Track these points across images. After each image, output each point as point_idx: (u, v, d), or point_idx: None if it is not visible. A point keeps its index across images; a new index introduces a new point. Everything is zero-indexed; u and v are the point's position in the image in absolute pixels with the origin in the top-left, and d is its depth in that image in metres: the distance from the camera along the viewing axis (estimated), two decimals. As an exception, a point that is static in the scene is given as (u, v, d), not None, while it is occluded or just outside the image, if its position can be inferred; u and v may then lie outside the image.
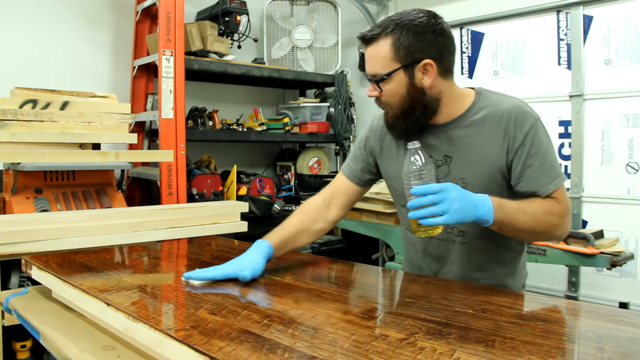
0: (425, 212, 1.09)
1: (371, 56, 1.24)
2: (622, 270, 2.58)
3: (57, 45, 2.60)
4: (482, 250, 1.32)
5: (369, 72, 1.25)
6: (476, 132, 1.25)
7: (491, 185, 1.24)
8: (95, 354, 1.06)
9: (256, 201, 2.77)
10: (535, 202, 1.21)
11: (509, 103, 1.26)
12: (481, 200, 1.12)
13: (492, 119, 1.24)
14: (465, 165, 1.26)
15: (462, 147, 1.26)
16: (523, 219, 1.17)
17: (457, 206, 1.08)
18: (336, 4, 3.35)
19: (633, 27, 2.52)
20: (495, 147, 1.23)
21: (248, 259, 1.27)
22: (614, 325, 0.95)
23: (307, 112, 3.33)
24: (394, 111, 1.26)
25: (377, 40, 1.22)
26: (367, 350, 0.81)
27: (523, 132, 1.22)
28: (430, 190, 1.09)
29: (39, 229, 1.65)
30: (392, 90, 1.23)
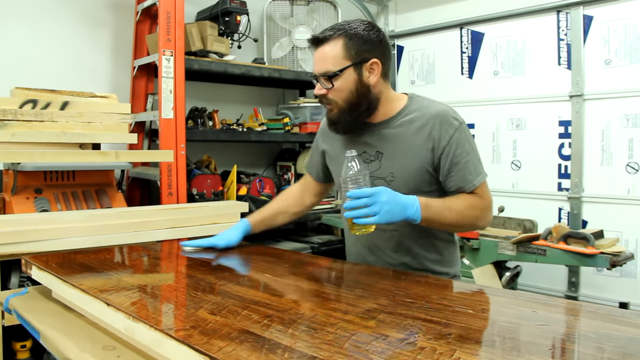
0: (359, 213, 1.23)
1: (322, 55, 1.36)
2: (622, 270, 2.58)
3: (57, 46, 2.60)
4: (410, 238, 1.45)
5: (319, 71, 1.36)
6: (405, 132, 1.40)
7: (417, 181, 1.39)
8: (95, 354, 1.06)
9: (256, 201, 2.76)
10: (459, 198, 1.36)
11: (436, 108, 1.40)
12: (410, 202, 1.27)
13: (419, 121, 1.39)
14: (394, 161, 1.41)
15: (392, 144, 1.41)
16: (448, 215, 1.32)
17: (387, 208, 1.23)
18: (336, 4, 3.35)
19: (633, 27, 2.52)
20: (421, 146, 1.38)
21: (227, 233, 1.63)
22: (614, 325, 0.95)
23: (307, 112, 3.32)
24: (341, 106, 1.38)
25: (329, 40, 1.35)
26: (367, 350, 0.81)
27: (448, 134, 1.36)
28: (364, 193, 1.23)
29: (39, 229, 1.65)
30: (342, 86, 1.35)
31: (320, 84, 1.37)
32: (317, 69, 1.37)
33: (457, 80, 3.24)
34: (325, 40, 1.36)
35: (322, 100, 1.41)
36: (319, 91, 1.38)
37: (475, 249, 2.51)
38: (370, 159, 1.44)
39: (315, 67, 1.38)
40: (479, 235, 2.52)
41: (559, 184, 2.85)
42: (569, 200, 2.80)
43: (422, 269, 1.45)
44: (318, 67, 1.37)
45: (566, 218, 2.83)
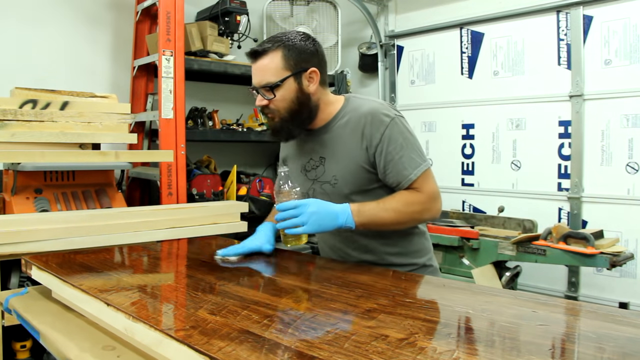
0: (287, 224, 1.31)
1: (262, 67, 1.39)
2: (622, 270, 2.58)
3: (57, 46, 2.60)
4: (366, 236, 1.47)
5: (259, 83, 1.40)
6: (341, 135, 1.44)
7: (358, 180, 1.42)
8: (95, 354, 1.06)
9: (256, 201, 2.77)
10: (395, 197, 1.39)
11: (367, 107, 1.42)
12: (341, 210, 1.33)
13: (353, 121, 1.42)
14: (335, 164, 1.45)
15: (332, 148, 1.45)
16: (385, 216, 1.36)
17: (315, 218, 1.30)
18: (336, 4, 3.35)
19: (633, 27, 2.52)
20: (355, 146, 1.41)
21: (264, 236, 1.50)
22: (614, 325, 0.95)
23: (307, 112, 3.32)
24: (283, 115, 1.41)
25: (268, 53, 1.39)
26: (367, 350, 0.81)
27: (380, 132, 1.38)
28: (291, 205, 1.31)
29: (39, 229, 1.65)
30: (283, 96, 1.39)
31: (261, 95, 1.41)
32: (258, 80, 1.40)
33: (457, 80, 3.24)
34: (264, 52, 1.39)
35: (263, 111, 1.45)
36: (260, 102, 1.41)
37: (475, 249, 2.51)
38: (316, 165, 1.49)
39: (256, 79, 1.41)
40: (479, 235, 2.53)
41: (558, 184, 2.85)
42: (569, 200, 2.80)
43: (386, 264, 1.47)
44: (258, 79, 1.40)
45: (566, 218, 2.83)
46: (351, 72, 3.40)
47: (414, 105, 3.44)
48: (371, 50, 3.54)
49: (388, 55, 3.53)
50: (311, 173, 1.51)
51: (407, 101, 3.49)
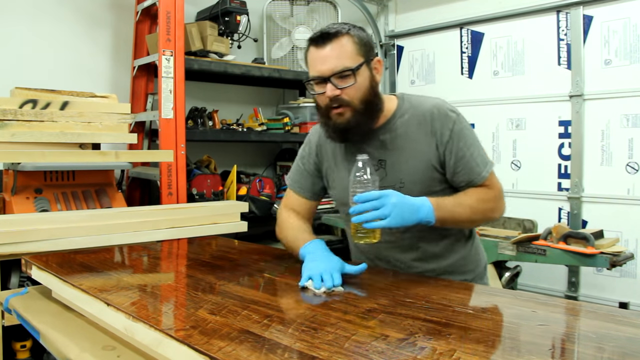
0: (368, 216, 1.16)
1: (336, 52, 1.25)
2: (622, 270, 2.58)
3: (57, 46, 2.60)
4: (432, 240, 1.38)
5: (333, 69, 1.24)
6: (404, 134, 1.33)
7: (427, 181, 1.33)
8: (95, 354, 1.06)
9: (256, 201, 2.76)
10: (468, 193, 1.31)
11: (430, 103, 1.34)
12: (421, 203, 1.21)
13: (416, 119, 1.33)
14: (400, 166, 1.33)
15: (394, 149, 1.34)
16: (461, 212, 1.27)
17: (397, 211, 1.16)
18: (336, 4, 3.35)
19: (633, 27, 2.52)
20: (423, 144, 1.32)
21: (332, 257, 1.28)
22: (614, 325, 0.95)
23: (307, 112, 3.32)
24: (357, 107, 1.27)
25: (339, 37, 1.26)
26: (367, 350, 0.81)
27: (449, 128, 1.30)
28: (372, 196, 1.17)
29: (39, 229, 1.65)
30: (360, 84, 1.26)
31: (333, 85, 1.25)
32: (330, 66, 1.24)
33: (457, 80, 3.24)
34: (336, 35, 1.25)
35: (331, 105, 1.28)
36: (332, 92, 1.25)
37: (475, 249, 2.51)
38: (375, 169, 1.33)
39: (327, 65, 1.25)
40: (479, 235, 2.52)
41: (558, 183, 2.85)
42: (569, 200, 2.80)
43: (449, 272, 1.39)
44: (331, 65, 1.24)
45: (566, 218, 2.83)
46: (351, 72, 3.39)
47: (414, 105, 3.44)
48: (371, 50, 3.53)
49: (388, 55, 3.53)
50: None
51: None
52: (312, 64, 1.28)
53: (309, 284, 1.18)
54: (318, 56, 1.26)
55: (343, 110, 1.27)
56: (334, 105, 1.27)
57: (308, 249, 1.32)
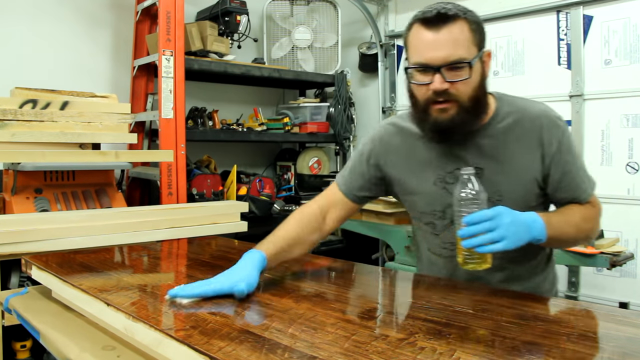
0: (482, 240, 1.01)
1: (451, 38, 1.06)
2: (622, 270, 2.58)
3: (57, 46, 2.60)
4: (519, 262, 1.24)
5: (447, 58, 1.06)
6: (505, 141, 1.17)
7: (527, 196, 1.18)
8: (95, 354, 1.06)
9: (256, 201, 2.76)
10: (573, 210, 1.17)
11: (537, 108, 1.19)
12: (532, 220, 1.07)
13: (520, 125, 1.17)
14: (499, 177, 1.16)
15: (494, 157, 1.17)
16: (568, 231, 1.13)
17: (513, 230, 1.02)
18: (336, 4, 3.35)
19: (633, 27, 2.52)
20: (528, 155, 1.16)
21: (242, 272, 1.11)
22: (614, 325, 0.95)
23: (307, 112, 3.32)
24: (465, 104, 1.10)
25: (456, 21, 1.07)
26: (367, 350, 0.81)
27: (557, 138, 1.15)
28: (485, 217, 1.01)
29: (39, 229, 1.65)
30: (472, 79, 1.09)
31: (441, 76, 1.07)
32: (444, 54, 1.06)
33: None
34: (454, 18, 1.06)
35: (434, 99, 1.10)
36: (441, 85, 1.07)
37: (475, 249, 2.51)
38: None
39: (440, 52, 1.06)
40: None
41: (559, 184, 2.85)
42: (569, 200, 2.79)
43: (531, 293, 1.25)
44: (446, 53, 1.06)
45: (566, 218, 2.82)
46: (351, 72, 3.40)
47: (414, 105, 3.44)
48: (371, 50, 3.54)
49: (388, 55, 3.53)
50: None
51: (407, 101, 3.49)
52: (419, 47, 1.10)
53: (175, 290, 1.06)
54: (429, 40, 1.07)
55: (448, 105, 1.10)
56: (439, 100, 1.10)
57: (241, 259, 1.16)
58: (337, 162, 3.51)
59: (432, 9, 1.09)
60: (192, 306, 1.04)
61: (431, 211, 1.23)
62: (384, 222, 2.67)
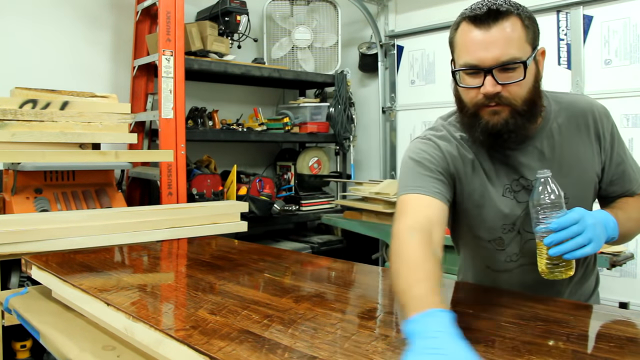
0: (572, 245, 0.94)
1: (503, 37, 0.98)
2: (622, 270, 2.58)
3: (57, 45, 2.60)
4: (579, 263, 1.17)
5: (499, 58, 0.98)
6: (562, 140, 1.11)
7: (590, 194, 1.14)
8: (95, 354, 1.06)
9: (256, 201, 2.76)
10: (630, 204, 1.13)
11: (585, 101, 1.15)
12: (606, 219, 1.02)
13: (573, 122, 1.11)
14: (563, 180, 1.05)
15: (555, 160, 1.10)
16: (631, 227, 1.10)
17: (597, 232, 0.96)
18: (336, 4, 3.35)
19: (633, 27, 2.52)
20: (587, 152, 1.12)
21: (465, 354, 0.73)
22: (614, 325, 0.95)
23: (307, 112, 3.32)
24: (519, 108, 1.02)
25: (508, 17, 0.99)
26: (367, 350, 0.81)
27: (609, 131, 1.13)
28: (573, 220, 0.95)
29: (39, 229, 1.65)
30: (527, 80, 1.01)
31: (493, 79, 0.98)
32: (496, 55, 0.98)
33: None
34: (507, 14, 0.99)
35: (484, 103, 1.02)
36: (494, 88, 0.99)
37: (475, 249, 2.51)
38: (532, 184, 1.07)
39: (492, 52, 0.98)
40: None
41: (559, 184, 2.85)
42: (569, 200, 2.79)
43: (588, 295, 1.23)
44: (497, 53, 0.98)
45: (566, 218, 2.82)
46: (351, 72, 3.40)
47: (414, 105, 3.44)
48: (371, 50, 3.54)
49: (388, 55, 3.53)
50: (523, 194, 1.10)
51: (407, 101, 3.49)
52: (468, 47, 1.01)
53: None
54: (480, 39, 0.99)
55: (500, 108, 1.02)
56: (491, 104, 1.02)
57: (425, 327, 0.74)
58: (337, 162, 3.51)
59: (482, 5, 1.00)
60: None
61: (501, 225, 1.13)
62: (384, 222, 2.67)
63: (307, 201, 3.20)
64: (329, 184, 3.46)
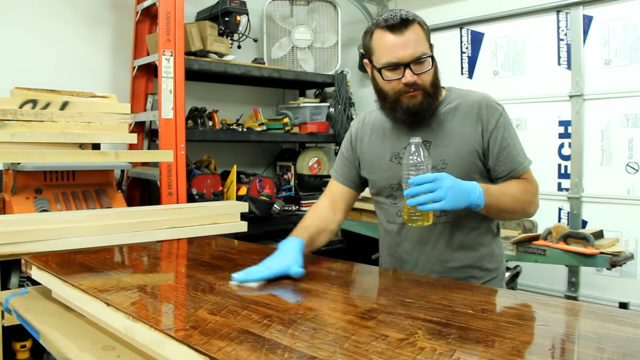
0: (424, 199, 1.18)
1: (414, 38, 1.29)
2: (622, 270, 2.58)
3: (57, 45, 2.60)
4: (464, 229, 1.40)
5: (413, 54, 1.28)
6: (451, 119, 1.39)
7: (468, 165, 1.36)
8: (95, 354, 1.06)
9: (256, 201, 2.76)
10: (512, 183, 1.36)
11: (477, 95, 1.42)
12: (472, 187, 1.23)
13: (464, 107, 1.39)
14: (443, 148, 1.37)
15: (440, 132, 1.38)
16: (506, 200, 1.30)
17: (452, 193, 1.19)
18: (336, 4, 3.35)
19: (633, 27, 2.52)
20: (469, 129, 1.37)
21: (290, 255, 1.29)
22: (614, 325, 0.95)
23: (307, 112, 3.33)
24: (429, 91, 1.33)
25: (414, 24, 1.29)
26: (367, 350, 0.81)
27: (495, 118, 1.37)
28: (426, 179, 1.19)
29: (39, 229, 1.65)
30: (432, 69, 1.34)
31: (411, 70, 1.29)
32: (411, 52, 1.28)
33: (457, 80, 3.24)
34: (412, 22, 1.29)
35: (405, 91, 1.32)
36: (412, 78, 1.29)
37: (475, 249, 2.51)
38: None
39: (407, 51, 1.28)
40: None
41: (558, 184, 2.85)
42: (569, 200, 2.79)
43: (475, 267, 1.41)
44: (412, 51, 1.28)
45: (566, 218, 2.83)
46: (351, 72, 3.40)
47: (414, 105, 3.44)
48: (371, 50, 3.53)
49: (388, 55, 3.53)
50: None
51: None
52: (388, 49, 1.30)
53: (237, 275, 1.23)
54: (396, 42, 1.28)
55: (415, 93, 1.32)
56: (409, 90, 1.32)
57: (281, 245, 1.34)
58: (337, 162, 3.51)
59: (393, 16, 1.29)
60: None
61: (389, 185, 1.43)
62: (384, 222, 2.67)
63: (307, 201, 3.20)
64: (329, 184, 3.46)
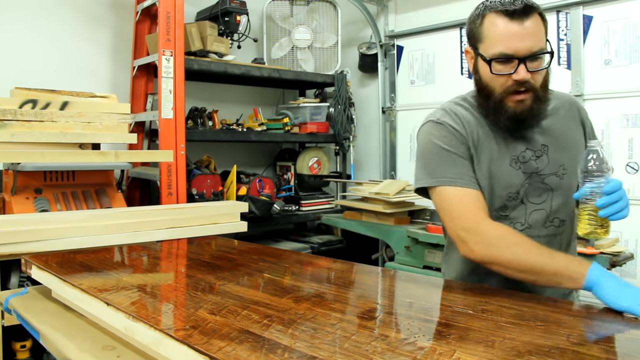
0: (616, 208, 1.07)
1: (534, 29, 1.11)
2: (622, 270, 2.58)
3: (57, 45, 2.60)
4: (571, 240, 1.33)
5: (531, 48, 1.10)
6: (556, 121, 1.26)
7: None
8: (95, 354, 1.06)
9: (256, 201, 2.76)
10: None
11: (565, 94, 1.36)
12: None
13: (563, 108, 1.29)
14: (561, 152, 1.24)
15: (554, 135, 1.25)
16: None
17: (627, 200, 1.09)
18: (336, 4, 3.35)
19: (633, 27, 2.52)
20: (576, 131, 1.30)
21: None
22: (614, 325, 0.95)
23: (307, 112, 3.32)
24: (540, 94, 1.16)
25: (535, 13, 1.12)
26: (367, 350, 0.81)
27: (588, 119, 1.33)
28: (619, 185, 1.08)
29: (39, 229, 1.65)
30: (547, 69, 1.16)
31: (525, 67, 1.11)
32: (529, 45, 1.10)
33: (457, 80, 3.24)
34: (535, 10, 1.11)
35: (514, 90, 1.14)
36: (525, 75, 1.11)
37: (475, 249, 2.50)
38: (537, 155, 1.22)
39: (525, 42, 1.10)
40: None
41: (558, 184, 2.85)
42: (569, 200, 2.79)
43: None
44: (530, 43, 1.10)
45: (566, 218, 2.82)
46: (351, 72, 3.40)
47: (414, 105, 3.44)
48: (371, 50, 3.54)
49: (388, 55, 3.53)
50: (529, 165, 1.22)
51: (407, 101, 3.49)
52: (503, 38, 1.11)
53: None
54: (515, 31, 1.10)
55: (525, 96, 1.15)
56: (520, 90, 1.14)
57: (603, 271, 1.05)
58: (337, 162, 3.51)
59: (515, 0, 1.11)
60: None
61: (507, 193, 1.22)
62: (383, 222, 2.67)
63: (307, 201, 3.20)
64: (329, 184, 3.46)
